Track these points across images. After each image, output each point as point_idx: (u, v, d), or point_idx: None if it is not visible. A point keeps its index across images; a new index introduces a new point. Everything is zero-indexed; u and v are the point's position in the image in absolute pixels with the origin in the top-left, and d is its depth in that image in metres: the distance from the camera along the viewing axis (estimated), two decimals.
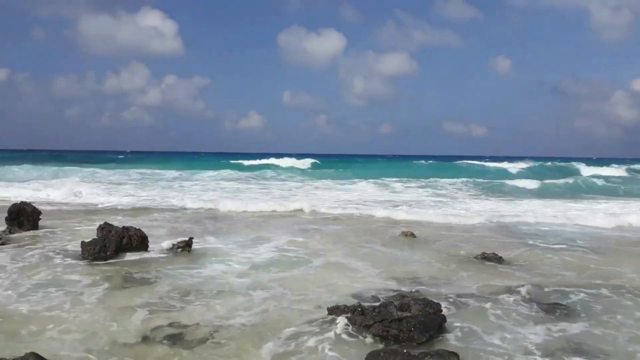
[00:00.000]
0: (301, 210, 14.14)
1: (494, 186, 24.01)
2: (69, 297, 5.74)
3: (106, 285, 6.27)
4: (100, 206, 14.73)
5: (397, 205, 15.28)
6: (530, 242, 9.70)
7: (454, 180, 25.51)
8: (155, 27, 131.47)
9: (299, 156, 52.64)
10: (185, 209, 14.29)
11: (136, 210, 13.95)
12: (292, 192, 20.48)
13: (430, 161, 51.74)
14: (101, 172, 30.70)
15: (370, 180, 25.95)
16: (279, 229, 11.04)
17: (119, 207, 14.49)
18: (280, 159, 47.53)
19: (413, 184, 24.62)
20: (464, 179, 25.78)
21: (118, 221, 9.73)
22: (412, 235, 10.03)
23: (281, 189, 21.85)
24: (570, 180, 26.39)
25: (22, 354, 3.80)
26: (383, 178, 26.79)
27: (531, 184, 24.74)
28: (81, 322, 4.93)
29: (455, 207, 15.59)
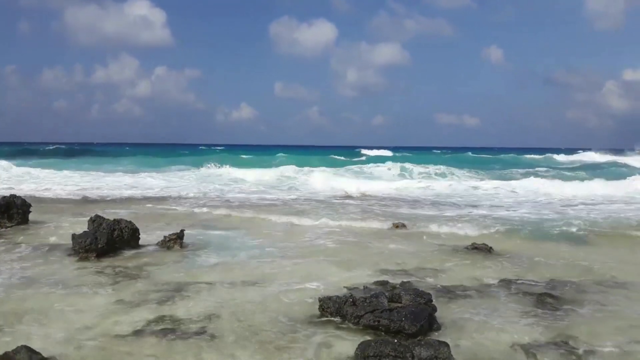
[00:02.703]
0: None
1: None
2: (60, 290, 5.72)
3: (97, 279, 6.26)
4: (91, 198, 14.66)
5: None
6: (524, 231, 9.78)
7: None
8: (143, 17, 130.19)
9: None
10: None
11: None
12: None
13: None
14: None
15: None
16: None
17: (109, 199, 14.44)
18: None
19: None
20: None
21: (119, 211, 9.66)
22: (403, 226, 10.09)
23: None
24: None
25: (14, 347, 3.80)
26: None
27: None
28: (73, 316, 4.92)
29: None
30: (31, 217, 10.07)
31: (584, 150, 62.96)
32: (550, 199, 15.67)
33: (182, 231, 8.30)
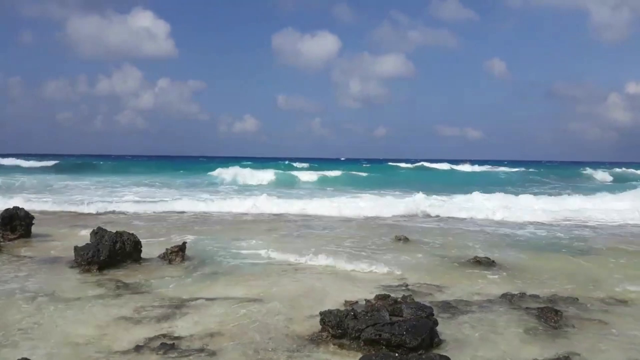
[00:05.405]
0: None
1: None
2: (62, 304, 5.71)
3: (99, 292, 6.24)
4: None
5: None
6: (525, 244, 9.75)
7: None
8: (147, 29, 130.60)
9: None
10: None
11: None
12: None
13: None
14: None
15: None
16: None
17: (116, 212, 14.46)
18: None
19: None
20: None
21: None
22: (406, 239, 10.07)
23: None
24: None
25: None
26: None
27: None
28: (73, 330, 4.91)
29: None
30: (34, 229, 10.09)
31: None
32: None
33: (184, 244, 8.29)
